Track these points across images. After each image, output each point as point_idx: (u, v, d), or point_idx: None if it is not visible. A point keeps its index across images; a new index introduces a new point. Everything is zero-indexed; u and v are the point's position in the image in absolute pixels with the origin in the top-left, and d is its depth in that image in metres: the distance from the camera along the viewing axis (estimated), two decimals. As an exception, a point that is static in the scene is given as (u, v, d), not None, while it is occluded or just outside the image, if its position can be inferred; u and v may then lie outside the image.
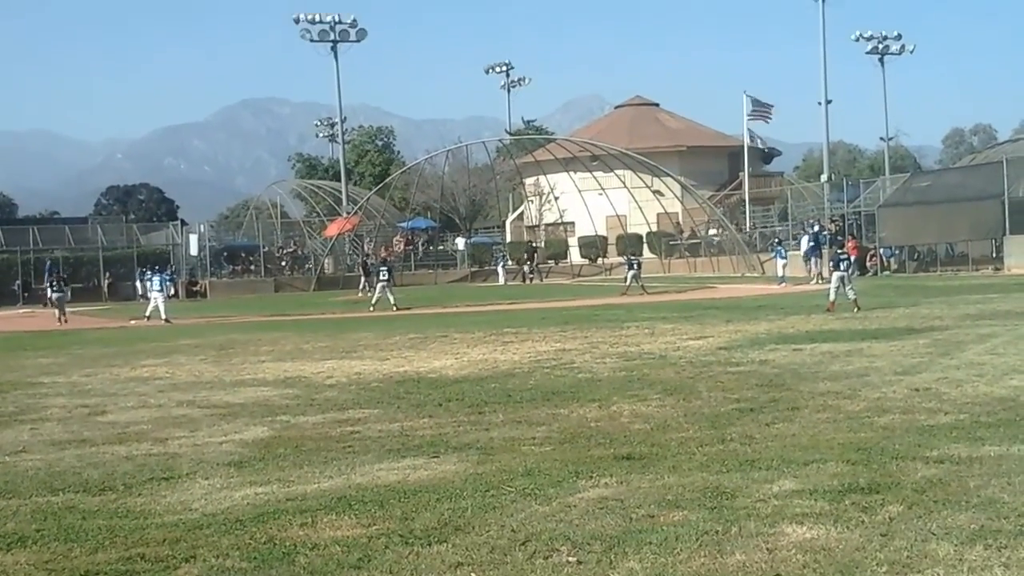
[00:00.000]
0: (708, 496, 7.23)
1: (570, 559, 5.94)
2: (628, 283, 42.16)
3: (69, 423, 12.06)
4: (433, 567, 5.90)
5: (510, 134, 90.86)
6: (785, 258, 46.35)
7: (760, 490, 7.35)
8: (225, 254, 69.28)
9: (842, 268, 26.39)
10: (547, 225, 77.06)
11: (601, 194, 71.13)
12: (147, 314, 35.35)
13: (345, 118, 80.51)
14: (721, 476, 7.83)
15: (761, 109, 68.40)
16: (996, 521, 6.36)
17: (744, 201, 70.68)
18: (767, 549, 5.98)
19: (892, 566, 5.60)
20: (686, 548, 6.06)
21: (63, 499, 8.04)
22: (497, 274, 64.61)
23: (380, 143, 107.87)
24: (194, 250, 65.07)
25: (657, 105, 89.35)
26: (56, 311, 38.48)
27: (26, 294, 59.31)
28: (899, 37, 78.18)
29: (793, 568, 5.63)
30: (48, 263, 57.34)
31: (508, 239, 78.88)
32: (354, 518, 7.06)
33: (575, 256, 72.65)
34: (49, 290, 42.72)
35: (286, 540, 6.58)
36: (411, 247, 73.06)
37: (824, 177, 67.39)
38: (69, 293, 43.38)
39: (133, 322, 34.90)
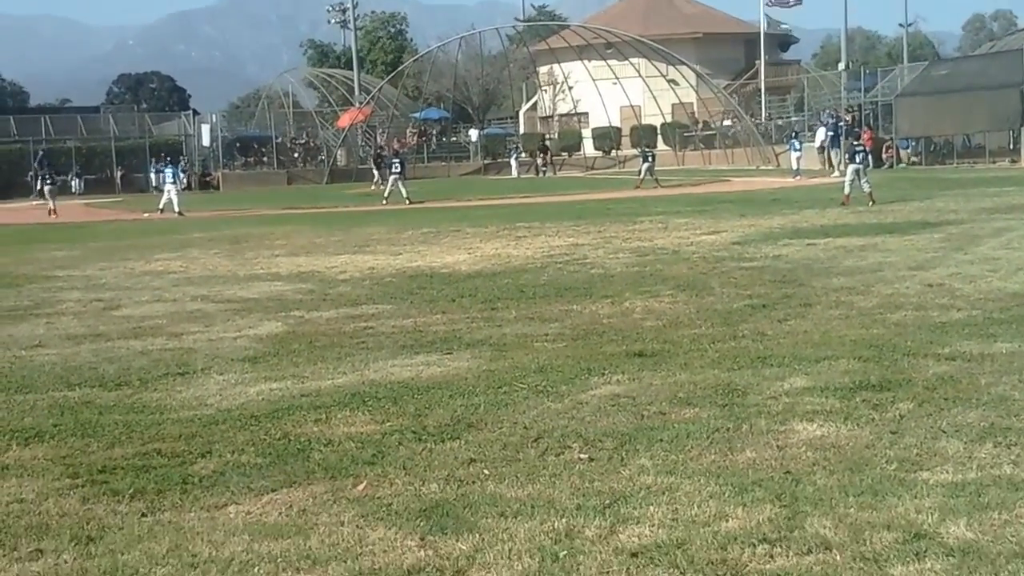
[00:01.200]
0: (719, 393, 7.27)
1: (582, 456, 6.00)
2: (642, 176, 41.88)
3: (84, 317, 12.15)
4: (446, 464, 5.97)
5: (523, 21, 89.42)
6: (800, 150, 45.81)
7: (771, 387, 7.39)
8: (237, 145, 68.94)
9: (857, 160, 26.17)
10: (561, 116, 76.32)
11: (615, 83, 70.25)
12: (160, 207, 35.39)
13: (357, 3, 79.30)
14: (733, 373, 7.87)
15: None
16: (1006, 419, 6.39)
17: (760, 90, 69.79)
18: (777, 446, 6.03)
19: (902, 464, 5.64)
20: (697, 445, 6.11)
21: (79, 394, 8.13)
22: (510, 167, 64.16)
23: (392, 30, 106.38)
24: (206, 141, 64.74)
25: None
26: (49, 203, 38.10)
27: (55, 179, 59.11)
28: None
29: (803, 465, 5.68)
30: (40, 154, 56.72)
31: (522, 130, 78.23)
32: (368, 414, 7.13)
33: (589, 148, 72.06)
34: (39, 182, 42.36)
35: (300, 436, 6.66)
36: (424, 138, 72.57)
37: (842, 65, 66.25)
38: (62, 183, 42.95)
39: (147, 215, 34.95)
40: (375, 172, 52.97)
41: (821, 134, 50.17)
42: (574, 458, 5.98)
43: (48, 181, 40.09)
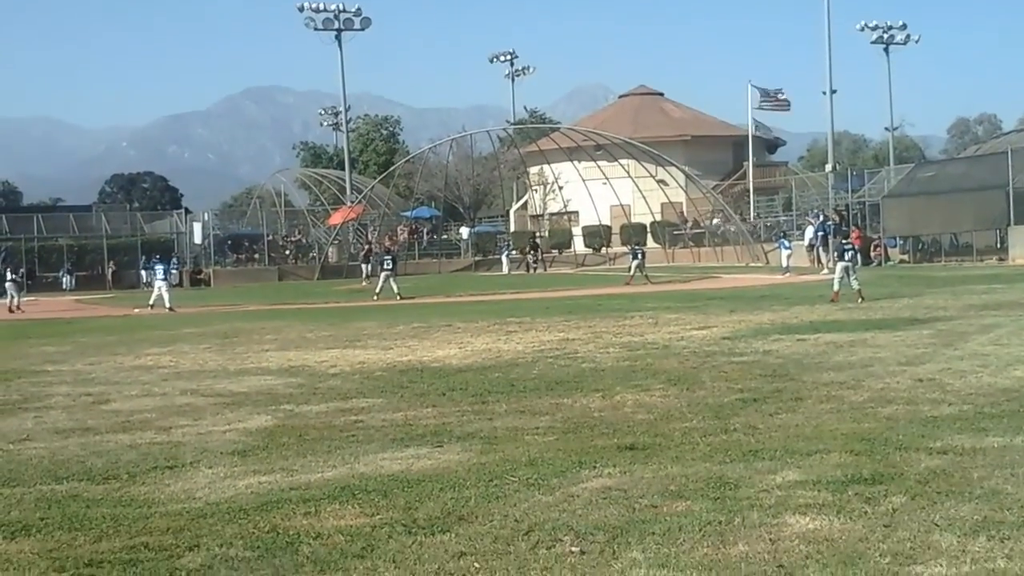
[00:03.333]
0: (711, 486, 7.23)
1: (573, 549, 5.95)
2: (632, 272, 42.16)
3: (73, 411, 12.07)
4: (436, 557, 5.91)
5: (513, 124, 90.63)
6: (789, 248, 46.35)
7: (763, 480, 7.36)
8: (229, 243, 69.31)
9: (846, 258, 26.37)
10: (551, 214, 76.98)
11: (605, 183, 70.98)
12: (151, 303, 35.40)
13: (349, 107, 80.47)
14: (724, 466, 7.84)
15: (775, 98, 68.17)
16: (999, 512, 6.36)
17: (748, 191, 70.58)
18: (770, 540, 5.99)
19: (895, 557, 5.60)
20: (689, 538, 6.06)
21: (67, 487, 8.05)
22: (501, 263, 64.53)
23: (385, 132, 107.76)
24: (198, 238, 65.08)
25: (662, 95, 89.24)
26: (14, 299, 38.94)
27: (30, 282, 59.25)
28: (904, 27, 78.02)
29: (796, 559, 5.64)
30: (4, 252, 56.90)
31: (512, 228, 78.81)
32: (358, 507, 7.07)
33: (579, 245, 72.57)
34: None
35: (290, 529, 6.60)
36: (415, 236, 73.03)
37: (829, 167, 67.19)
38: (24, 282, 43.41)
39: (137, 311, 34.94)
40: (363, 268, 53.33)
41: (809, 232, 50.64)
42: (565, 551, 5.92)
43: (10, 280, 40.41)
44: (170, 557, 6.09)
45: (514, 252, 67.27)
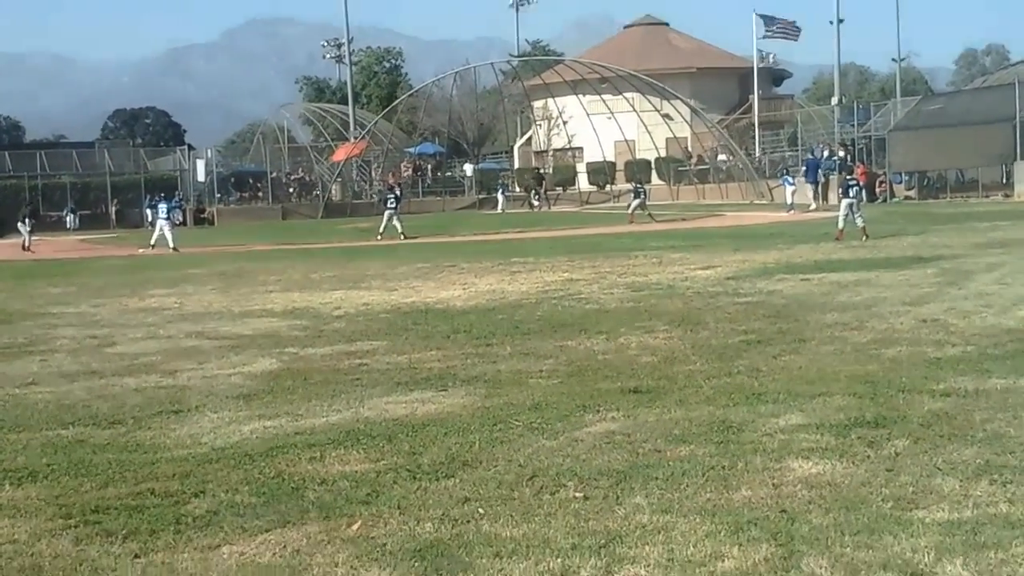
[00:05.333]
0: (715, 430, 7.26)
1: (577, 495, 5.98)
2: (632, 211, 41.90)
3: (78, 354, 12.12)
4: (441, 502, 5.95)
5: (517, 56, 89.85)
6: (793, 184, 46.18)
7: (766, 424, 7.38)
8: (232, 180, 69.08)
9: (851, 195, 26.20)
10: (555, 151, 76.57)
11: (610, 118, 70.50)
12: (152, 242, 35.38)
13: (352, 38, 79.70)
14: (728, 410, 7.86)
15: (782, 27, 67.33)
16: (1002, 456, 6.39)
17: (754, 125, 70.10)
18: (773, 484, 6.02)
19: (897, 501, 5.63)
20: (692, 483, 6.10)
21: (73, 432, 8.10)
22: (496, 201, 63.80)
23: (388, 65, 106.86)
24: (201, 176, 64.82)
25: (667, 25, 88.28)
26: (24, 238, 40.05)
27: (34, 221, 59.16)
28: (913, -43, 76.88)
29: (798, 503, 5.67)
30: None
31: (516, 165, 78.44)
32: (362, 452, 7.11)
33: (583, 183, 72.25)
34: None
35: (295, 475, 6.64)
36: (419, 173, 72.72)
37: (835, 100, 66.61)
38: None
39: (141, 251, 34.93)
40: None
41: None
42: (569, 497, 5.96)
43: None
44: (176, 503, 6.14)
45: (518, 190, 66.87)
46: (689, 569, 4.82)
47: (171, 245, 34.53)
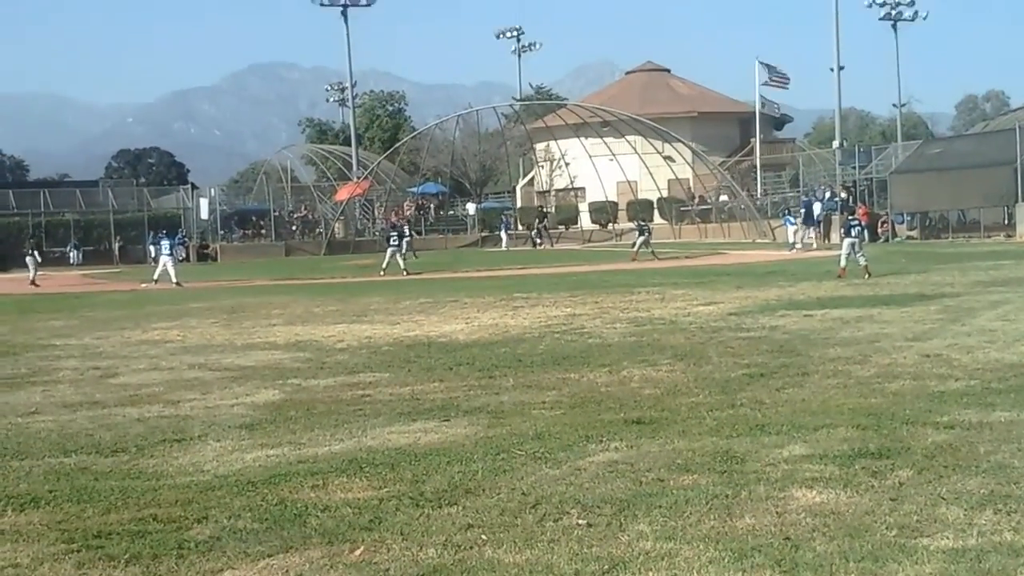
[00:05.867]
0: (718, 460, 7.25)
1: (580, 522, 5.97)
2: (637, 248, 42.07)
3: (81, 385, 12.12)
4: (444, 529, 5.93)
5: (519, 100, 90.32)
6: (795, 224, 46.37)
7: (770, 455, 7.37)
8: (236, 218, 69.36)
9: (853, 234, 26.29)
10: (558, 190, 76.84)
11: (612, 160, 70.85)
12: (155, 277, 35.46)
13: (355, 83, 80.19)
14: (731, 440, 7.85)
15: (778, 77, 67.93)
16: (1006, 486, 6.37)
17: (755, 167, 70.38)
18: (776, 513, 6.00)
19: (902, 530, 5.61)
20: (696, 512, 6.08)
21: (75, 460, 8.09)
22: (500, 239, 64.09)
23: (391, 108, 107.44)
24: (205, 214, 65.11)
25: (668, 71, 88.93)
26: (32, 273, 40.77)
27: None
28: (912, 2, 77.36)
29: (802, 532, 5.65)
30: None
31: (519, 204, 78.69)
32: (365, 480, 7.10)
33: (586, 221, 72.48)
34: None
35: (298, 502, 6.62)
36: (422, 212, 72.95)
37: (836, 143, 66.94)
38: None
39: (143, 285, 34.99)
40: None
41: (818, 208, 50.68)
42: (572, 524, 5.94)
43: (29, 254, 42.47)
44: (178, 529, 6.12)
45: (520, 228, 67.01)
46: (693, 594, 4.80)
47: (173, 280, 34.61)
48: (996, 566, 5.01)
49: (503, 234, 64.44)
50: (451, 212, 76.69)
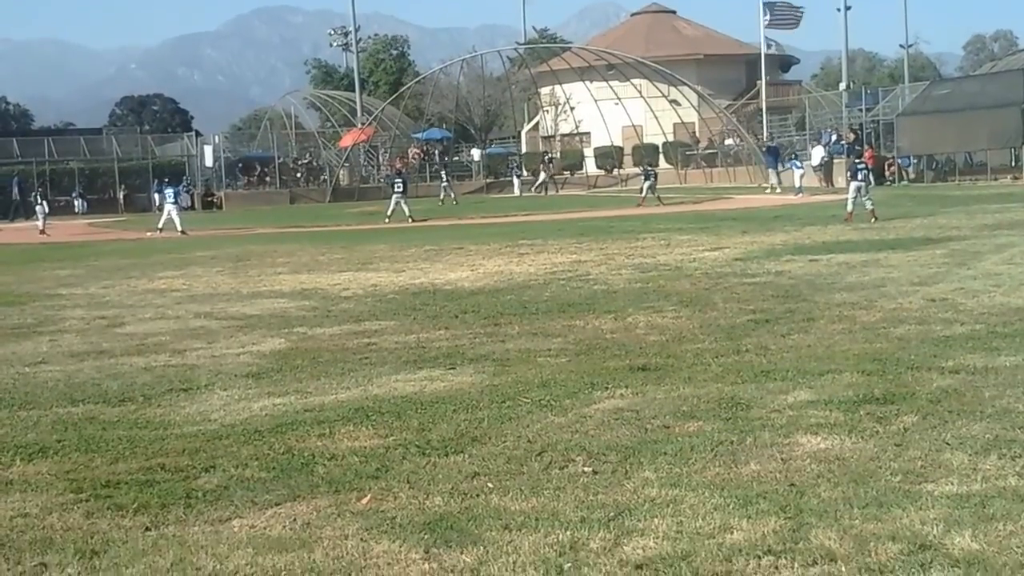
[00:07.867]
0: (723, 407, 7.27)
1: (586, 469, 6.00)
2: (644, 194, 41.97)
3: (88, 334, 12.15)
4: (450, 477, 5.96)
5: (524, 44, 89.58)
6: (801, 168, 46.06)
7: (775, 401, 7.38)
8: (240, 165, 69.05)
9: (859, 178, 26.16)
10: (563, 135, 76.44)
11: (617, 104, 70.31)
12: (159, 226, 35.44)
13: (359, 27, 79.55)
14: (736, 387, 7.86)
15: (786, 14, 67.07)
16: (1011, 431, 6.38)
17: (761, 110, 69.88)
18: (781, 459, 6.03)
19: (906, 476, 5.63)
20: (701, 458, 6.10)
21: (83, 410, 8.13)
22: (512, 185, 64.15)
23: (395, 52, 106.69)
24: (209, 161, 64.90)
25: (674, 12, 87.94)
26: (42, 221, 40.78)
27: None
28: (922, -59, 76.48)
29: (807, 478, 5.67)
30: (16, 177, 58.07)
31: (524, 150, 78.31)
32: (371, 429, 7.13)
33: (591, 167, 72.16)
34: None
35: (304, 450, 6.66)
36: (426, 158, 72.68)
37: (843, 85, 66.35)
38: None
39: (149, 234, 34.99)
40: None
41: (820, 151, 50.44)
42: (578, 471, 5.97)
43: (38, 203, 42.16)
44: (186, 478, 6.16)
45: (525, 174, 66.76)
46: (698, 540, 4.82)
47: (179, 228, 34.61)
48: (1000, 511, 5.02)
49: (515, 180, 64.16)
50: (456, 158, 76.31)
